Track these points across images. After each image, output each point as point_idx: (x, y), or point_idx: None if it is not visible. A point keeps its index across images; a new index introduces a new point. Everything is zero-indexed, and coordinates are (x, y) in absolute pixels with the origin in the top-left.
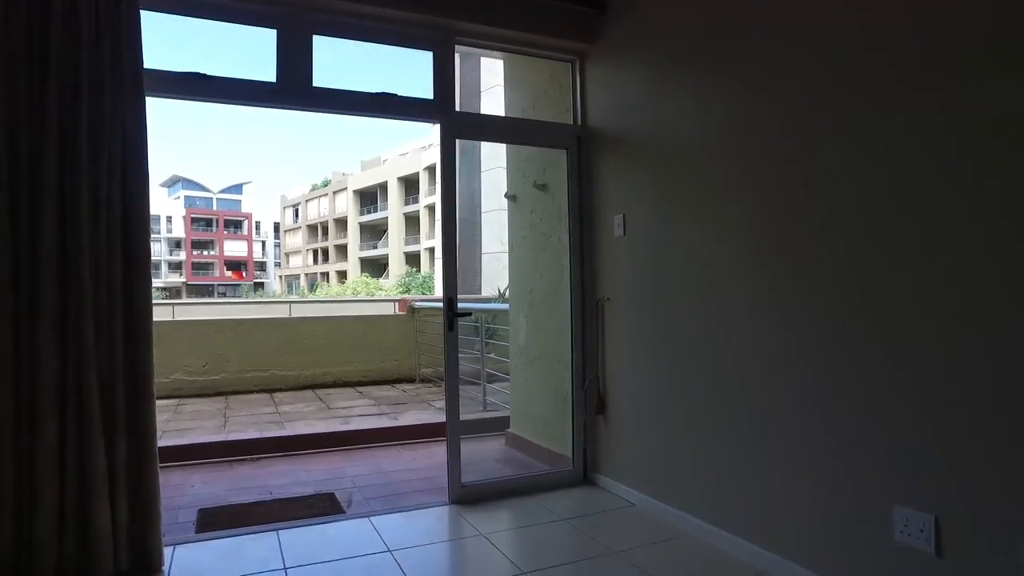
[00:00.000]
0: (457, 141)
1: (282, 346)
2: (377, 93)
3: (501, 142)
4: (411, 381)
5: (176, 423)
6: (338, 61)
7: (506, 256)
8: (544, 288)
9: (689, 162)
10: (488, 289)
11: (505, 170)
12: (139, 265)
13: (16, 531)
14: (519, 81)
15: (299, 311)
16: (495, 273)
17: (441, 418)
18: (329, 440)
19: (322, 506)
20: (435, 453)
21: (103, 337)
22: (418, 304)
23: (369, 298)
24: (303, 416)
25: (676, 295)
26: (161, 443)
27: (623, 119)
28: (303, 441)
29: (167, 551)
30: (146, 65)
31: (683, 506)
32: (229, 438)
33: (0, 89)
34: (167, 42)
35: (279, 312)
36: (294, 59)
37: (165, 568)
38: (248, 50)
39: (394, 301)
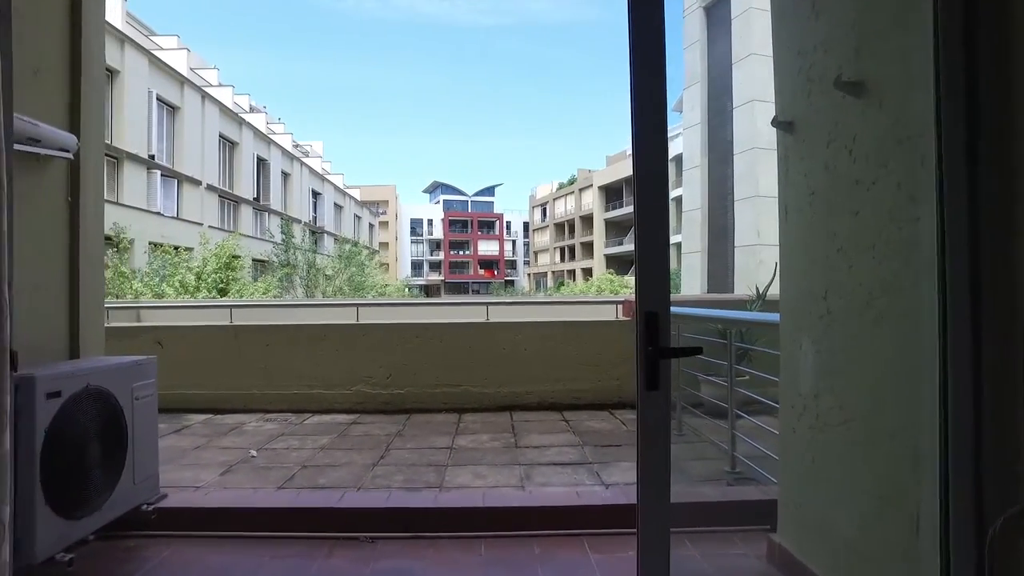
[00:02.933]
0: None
1: (477, 357)
2: None
3: None
4: (635, 407)
5: (326, 454)
6: None
7: (763, 251)
8: (855, 288)
9: None
10: (742, 289)
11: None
12: None
13: None
14: None
15: (501, 315)
16: (749, 270)
17: None
18: (479, 521)
19: None
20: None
21: None
22: None
23: (579, 299)
24: (478, 458)
25: None
26: (264, 502)
27: None
28: (440, 519)
29: None
30: None
31: None
32: (342, 505)
33: None
34: None
35: (475, 316)
36: None
37: None
38: None
39: (617, 303)
